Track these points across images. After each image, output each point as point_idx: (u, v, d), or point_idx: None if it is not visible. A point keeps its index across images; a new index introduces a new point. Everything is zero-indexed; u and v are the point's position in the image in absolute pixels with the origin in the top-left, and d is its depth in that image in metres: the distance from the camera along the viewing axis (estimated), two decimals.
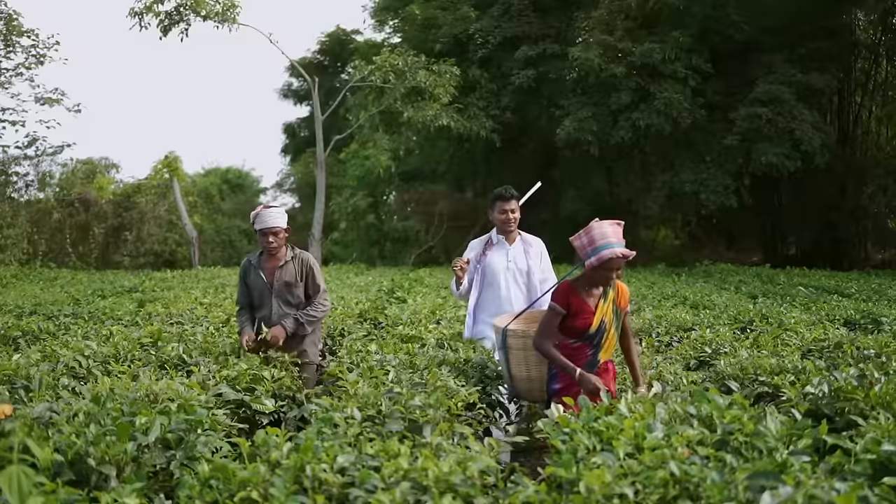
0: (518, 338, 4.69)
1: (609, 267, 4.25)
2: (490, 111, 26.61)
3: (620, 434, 3.05)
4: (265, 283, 5.79)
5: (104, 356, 5.47)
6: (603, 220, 4.36)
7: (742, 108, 22.23)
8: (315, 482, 2.63)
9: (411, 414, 3.42)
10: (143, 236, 31.34)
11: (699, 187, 22.63)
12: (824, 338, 6.53)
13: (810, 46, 22.85)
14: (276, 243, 5.73)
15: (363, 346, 6.12)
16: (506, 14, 27.73)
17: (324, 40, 40.16)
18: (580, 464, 2.75)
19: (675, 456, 2.78)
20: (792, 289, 13.17)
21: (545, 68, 25.78)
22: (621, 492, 2.50)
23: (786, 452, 2.91)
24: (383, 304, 11.03)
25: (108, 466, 2.87)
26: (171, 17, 22.53)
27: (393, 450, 2.91)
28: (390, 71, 24.28)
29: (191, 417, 3.34)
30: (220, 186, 39.78)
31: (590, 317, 4.38)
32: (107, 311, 9.68)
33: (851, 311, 9.27)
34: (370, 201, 32.09)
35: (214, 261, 31.66)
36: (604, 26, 24.47)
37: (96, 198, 30.97)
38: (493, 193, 5.99)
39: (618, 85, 23.38)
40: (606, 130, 23.46)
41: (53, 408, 3.45)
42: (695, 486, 2.53)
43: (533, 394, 4.75)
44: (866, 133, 26.52)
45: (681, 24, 23.60)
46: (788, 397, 4.18)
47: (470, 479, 2.68)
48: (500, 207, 5.88)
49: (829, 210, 25.17)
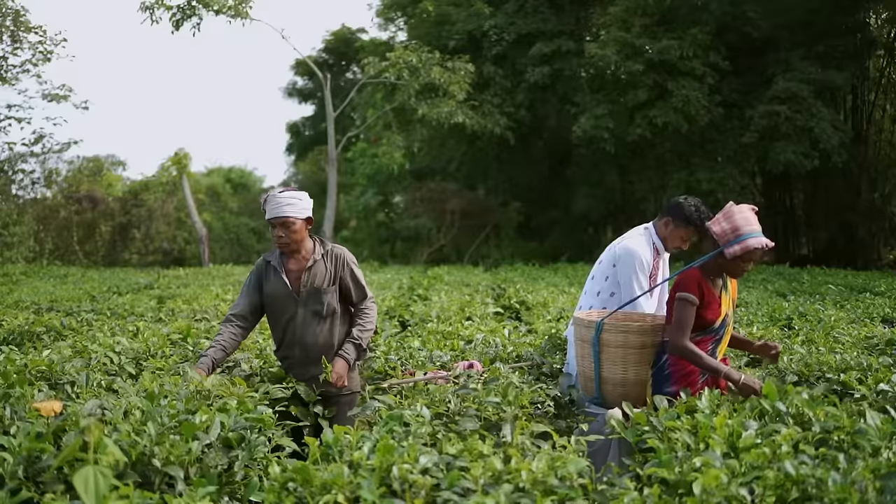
0: (618, 333, 4.12)
1: (750, 258, 3.90)
2: (504, 108, 26.43)
3: (713, 433, 2.88)
4: (289, 290, 4.58)
5: (135, 352, 5.31)
6: (740, 206, 3.97)
7: (760, 105, 22.03)
8: (405, 484, 2.43)
9: (485, 412, 3.24)
10: (152, 234, 31.22)
11: (716, 186, 22.43)
12: (872, 335, 6.36)
13: (828, 44, 22.65)
14: (286, 238, 4.51)
15: (400, 342, 5.95)
16: (520, 10, 27.54)
17: (329, 39, 39.97)
18: (683, 464, 2.58)
19: (780, 455, 2.62)
20: (819, 287, 12.97)
21: (560, 65, 25.63)
22: (737, 493, 2.32)
23: (892, 451, 2.74)
24: (406, 302, 10.89)
25: (175, 468, 2.69)
26: (183, 12, 22.40)
27: (476, 449, 2.73)
28: (404, 67, 24.11)
29: (252, 415, 3.16)
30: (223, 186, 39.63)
31: (717, 308, 4.02)
32: (127, 308, 9.52)
33: (888, 308, 9.11)
34: (380, 199, 31.94)
35: (224, 259, 31.49)
36: (620, 23, 24.31)
37: (103, 195, 30.85)
38: (687, 215, 4.62)
39: (635, 82, 23.18)
40: (623, 128, 23.29)
41: (104, 405, 3.26)
42: (814, 487, 2.36)
43: (626, 398, 3.88)
44: (880, 132, 26.28)
45: (698, 21, 23.43)
46: (863, 395, 4.00)
47: (568, 480, 2.50)
48: (687, 234, 4.71)
49: (843, 210, 24.95)
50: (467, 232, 29.84)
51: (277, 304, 4.62)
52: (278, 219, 4.46)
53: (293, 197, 4.50)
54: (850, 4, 23.18)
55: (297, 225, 4.49)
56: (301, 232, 4.54)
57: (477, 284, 14.69)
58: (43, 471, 2.60)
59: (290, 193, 4.52)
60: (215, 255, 31.06)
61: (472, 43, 27.53)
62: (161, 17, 22.55)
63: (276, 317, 4.66)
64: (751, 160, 23.53)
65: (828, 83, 22.26)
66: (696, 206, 4.61)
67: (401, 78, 24.46)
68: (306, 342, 4.57)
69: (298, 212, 4.49)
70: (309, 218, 4.58)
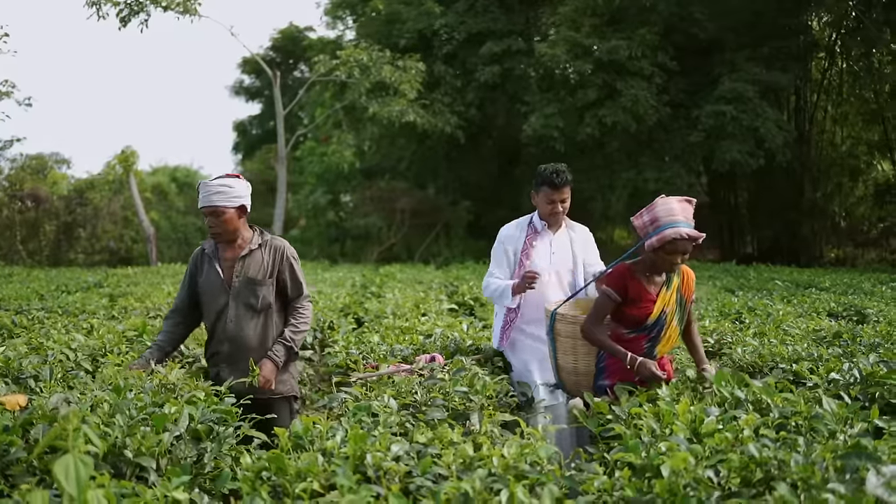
0: (567, 323, 4.09)
1: (672, 250, 3.73)
2: (455, 107, 26.56)
3: (676, 419, 2.96)
4: (221, 279, 4.32)
5: (91, 349, 5.25)
6: (668, 198, 3.91)
7: (707, 105, 22.42)
8: (379, 471, 2.46)
9: (451, 402, 3.28)
10: (98, 233, 30.69)
11: (663, 185, 22.75)
12: (820, 328, 6.55)
13: (772, 45, 23.15)
14: (218, 228, 4.25)
15: (358, 337, 5.97)
16: (471, 10, 27.70)
17: (276, 37, 39.70)
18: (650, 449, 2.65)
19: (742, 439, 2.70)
20: (766, 283, 13.26)
21: (510, 65, 25.83)
22: (704, 475, 2.39)
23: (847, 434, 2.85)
24: (360, 299, 10.88)
25: (147, 458, 2.68)
26: (130, 7, 22.05)
27: (446, 437, 2.77)
28: (355, 66, 24.06)
29: (220, 407, 3.16)
30: (168, 185, 39.08)
31: (649, 305, 3.87)
32: (78, 306, 9.37)
33: (833, 303, 9.34)
34: (330, 198, 31.81)
35: (171, 258, 31.06)
36: (570, 23, 24.57)
37: (47, 194, 30.23)
38: (540, 174, 4.70)
39: (584, 82, 23.41)
40: (572, 127, 23.50)
41: (69, 398, 3.23)
42: (776, 468, 2.44)
43: (579, 388, 4.07)
44: (822, 132, 26.88)
45: (647, 22, 23.77)
46: (815, 383, 4.12)
47: (538, 466, 2.55)
48: (548, 196, 4.69)
49: (786, 209, 25.47)
50: (417, 231, 29.88)
51: (209, 295, 4.36)
52: (207, 207, 4.23)
53: (224, 185, 4.23)
54: (793, 7, 23.72)
55: (227, 214, 4.24)
56: (233, 221, 4.27)
57: (430, 282, 14.72)
58: (12, 463, 2.58)
59: (220, 181, 4.25)
60: (163, 255, 30.66)
61: (423, 42, 27.60)
62: (108, 13, 22.19)
63: (208, 308, 4.39)
64: (697, 159, 23.95)
65: (772, 84, 22.78)
66: (551, 167, 4.69)
67: (351, 76, 24.40)
68: (237, 338, 4.28)
69: (229, 200, 4.22)
70: (243, 206, 4.31)
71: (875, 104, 25.15)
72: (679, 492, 2.31)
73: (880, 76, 24.38)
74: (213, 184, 4.22)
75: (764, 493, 2.37)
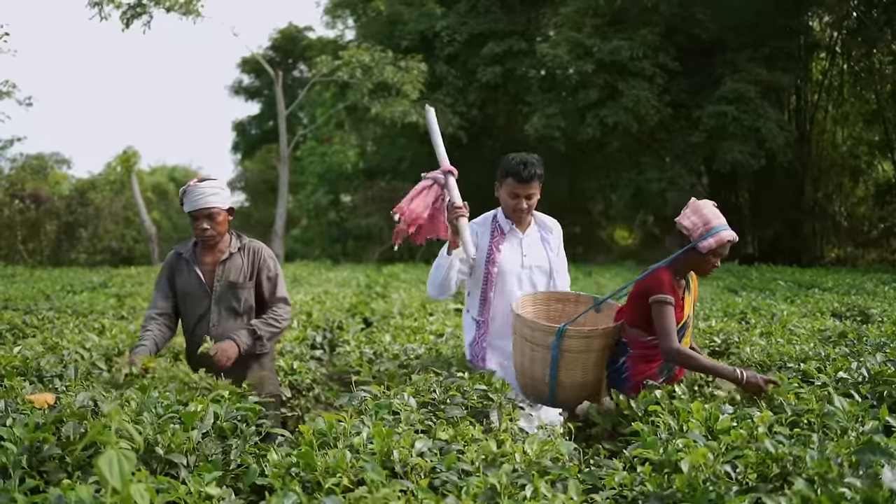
0: (580, 339, 3.80)
1: (722, 252, 3.70)
2: (457, 108, 26.60)
3: (691, 417, 3.03)
4: (202, 283, 4.30)
5: (105, 349, 5.32)
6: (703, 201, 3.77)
7: (708, 105, 22.48)
8: (406, 467, 2.53)
9: (470, 400, 3.34)
10: (100, 233, 30.70)
11: (665, 185, 22.83)
12: (825, 328, 6.60)
13: (773, 46, 23.23)
14: (212, 231, 4.23)
15: (368, 337, 6.03)
16: (472, 10, 27.77)
17: (276, 37, 39.70)
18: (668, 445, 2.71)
19: (757, 436, 2.77)
20: (768, 283, 13.32)
21: (512, 65, 25.88)
22: (723, 471, 2.46)
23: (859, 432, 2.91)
24: (366, 300, 10.95)
25: (178, 455, 2.75)
26: (133, 9, 22.12)
27: (468, 434, 2.84)
28: (357, 66, 24.11)
29: (244, 405, 3.23)
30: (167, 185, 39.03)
31: (680, 311, 3.77)
32: (86, 306, 9.45)
33: (836, 304, 9.39)
34: (331, 198, 31.85)
35: None
36: (572, 23, 24.63)
37: (48, 194, 30.25)
38: (506, 164, 4.24)
39: (585, 82, 23.47)
40: (574, 127, 23.57)
41: (95, 396, 3.29)
42: (792, 464, 2.50)
43: (579, 401, 3.81)
44: (822, 132, 26.95)
45: (648, 22, 23.82)
46: (824, 382, 4.18)
47: (560, 461, 2.62)
48: (512, 189, 4.23)
49: (787, 209, 25.54)
50: None
51: (190, 300, 4.33)
52: (203, 210, 4.17)
53: (216, 187, 4.22)
54: (794, 7, 23.78)
55: (221, 216, 4.24)
56: (225, 223, 4.29)
57: None
58: (45, 460, 2.64)
59: (211, 183, 4.23)
60: (165, 255, 30.64)
61: (424, 43, 27.64)
62: (110, 14, 22.26)
63: (188, 314, 4.36)
64: (698, 159, 23.98)
65: (773, 84, 22.83)
66: (519, 156, 4.23)
67: (353, 77, 24.45)
68: (220, 341, 4.18)
69: (222, 201, 4.24)
70: (231, 208, 4.32)
71: (876, 104, 25.24)
72: (699, 486, 2.38)
73: (881, 76, 24.47)
74: (206, 186, 4.21)
75: (781, 487, 2.43)
